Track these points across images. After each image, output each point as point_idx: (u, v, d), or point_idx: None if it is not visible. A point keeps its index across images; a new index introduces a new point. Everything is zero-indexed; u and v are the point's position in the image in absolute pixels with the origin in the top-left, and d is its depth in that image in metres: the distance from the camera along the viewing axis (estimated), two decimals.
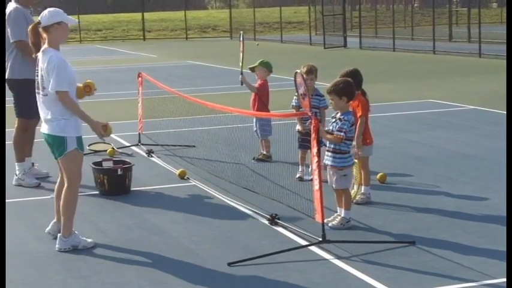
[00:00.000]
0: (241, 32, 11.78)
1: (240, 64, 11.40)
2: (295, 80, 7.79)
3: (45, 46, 7.48)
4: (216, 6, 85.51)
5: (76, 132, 7.47)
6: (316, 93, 9.80)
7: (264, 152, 11.34)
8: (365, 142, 8.97)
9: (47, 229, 7.86)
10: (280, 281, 6.57)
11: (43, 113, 7.54)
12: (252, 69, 11.47)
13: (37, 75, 7.55)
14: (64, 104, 7.37)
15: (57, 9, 7.61)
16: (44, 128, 7.57)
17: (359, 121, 8.76)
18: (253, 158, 11.28)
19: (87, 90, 8.04)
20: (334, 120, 8.05)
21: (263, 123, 11.24)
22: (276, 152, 11.21)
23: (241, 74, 11.32)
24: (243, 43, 11.47)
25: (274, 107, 11.59)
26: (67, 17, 7.61)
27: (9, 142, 10.73)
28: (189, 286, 6.55)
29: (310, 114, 7.43)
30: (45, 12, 7.48)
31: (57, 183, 7.84)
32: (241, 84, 11.46)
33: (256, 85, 11.36)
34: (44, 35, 7.46)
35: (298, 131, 10.05)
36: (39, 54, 7.53)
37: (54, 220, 7.83)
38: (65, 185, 7.53)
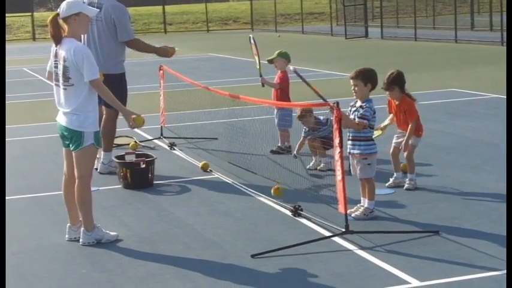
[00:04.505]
0: (251, 35, 11.53)
1: (258, 67, 11.16)
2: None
3: (65, 36, 7.42)
4: None
5: (94, 127, 7.44)
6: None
7: (279, 144, 11.28)
8: (417, 134, 9.21)
9: (66, 237, 7.73)
10: (303, 272, 6.57)
11: (63, 104, 7.43)
12: (271, 61, 11.40)
13: (56, 67, 7.46)
14: (99, 91, 7.42)
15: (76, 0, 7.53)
16: (61, 119, 7.49)
17: (410, 125, 9.02)
18: (271, 151, 11.21)
19: None
20: (355, 109, 8.01)
21: (283, 113, 11.18)
22: (297, 143, 11.15)
23: (260, 76, 11.15)
24: (256, 46, 11.15)
25: (295, 99, 11.55)
26: (86, 7, 7.57)
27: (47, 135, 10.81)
28: (213, 278, 6.56)
29: (332, 104, 7.39)
30: (64, 3, 7.43)
31: (63, 186, 7.73)
32: (263, 86, 11.33)
33: (277, 78, 11.31)
34: (65, 27, 7.44)
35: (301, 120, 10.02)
36: (58, 46, 7.42)
37: (68, 224, 7.75)
38: (76, 182, 7.47)
